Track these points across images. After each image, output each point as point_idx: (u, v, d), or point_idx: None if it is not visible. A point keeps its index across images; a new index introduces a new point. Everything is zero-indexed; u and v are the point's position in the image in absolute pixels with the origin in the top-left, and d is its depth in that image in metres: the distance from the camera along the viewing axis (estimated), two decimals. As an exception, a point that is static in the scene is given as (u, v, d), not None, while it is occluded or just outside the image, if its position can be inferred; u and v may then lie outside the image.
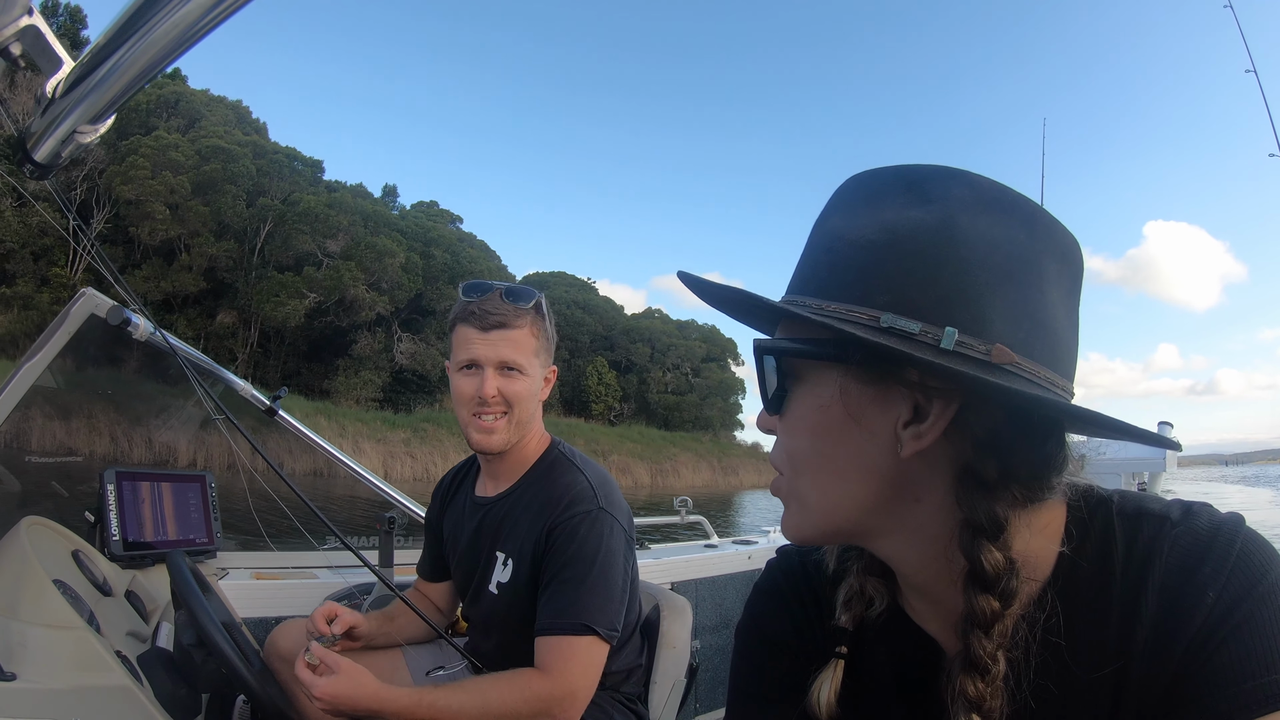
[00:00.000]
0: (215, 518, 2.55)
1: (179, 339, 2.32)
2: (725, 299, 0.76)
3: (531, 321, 1.80)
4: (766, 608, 0.90)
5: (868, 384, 0.67)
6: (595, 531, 1.70)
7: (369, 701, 1.52)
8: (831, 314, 0.66)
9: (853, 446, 0.69)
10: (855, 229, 0.68)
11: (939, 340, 0.62)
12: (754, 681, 0.88)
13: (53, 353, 1.99)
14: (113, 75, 1.05)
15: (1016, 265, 0.64)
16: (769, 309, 0.74)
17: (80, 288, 1.98)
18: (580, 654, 1.64)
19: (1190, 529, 0.67)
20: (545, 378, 1.88)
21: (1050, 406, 0.63)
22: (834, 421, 0.69)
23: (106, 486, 2.22)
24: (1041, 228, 0.67)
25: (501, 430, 1.79)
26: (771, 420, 0.75)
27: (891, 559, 0.75)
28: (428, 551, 2.13)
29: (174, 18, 0.91)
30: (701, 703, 3.35)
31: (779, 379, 0.72)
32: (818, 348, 0.68)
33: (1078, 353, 0.69)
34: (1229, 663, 0.59)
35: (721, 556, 3.67)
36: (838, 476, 0.70)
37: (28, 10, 1.07)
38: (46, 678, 1.24)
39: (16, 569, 1.44)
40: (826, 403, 0.69)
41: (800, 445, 0.72)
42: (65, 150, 1.31)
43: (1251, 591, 0.61)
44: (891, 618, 0.80)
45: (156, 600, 2.01)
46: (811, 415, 0.71)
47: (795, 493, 0.74)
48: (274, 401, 2.79)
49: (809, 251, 0.73)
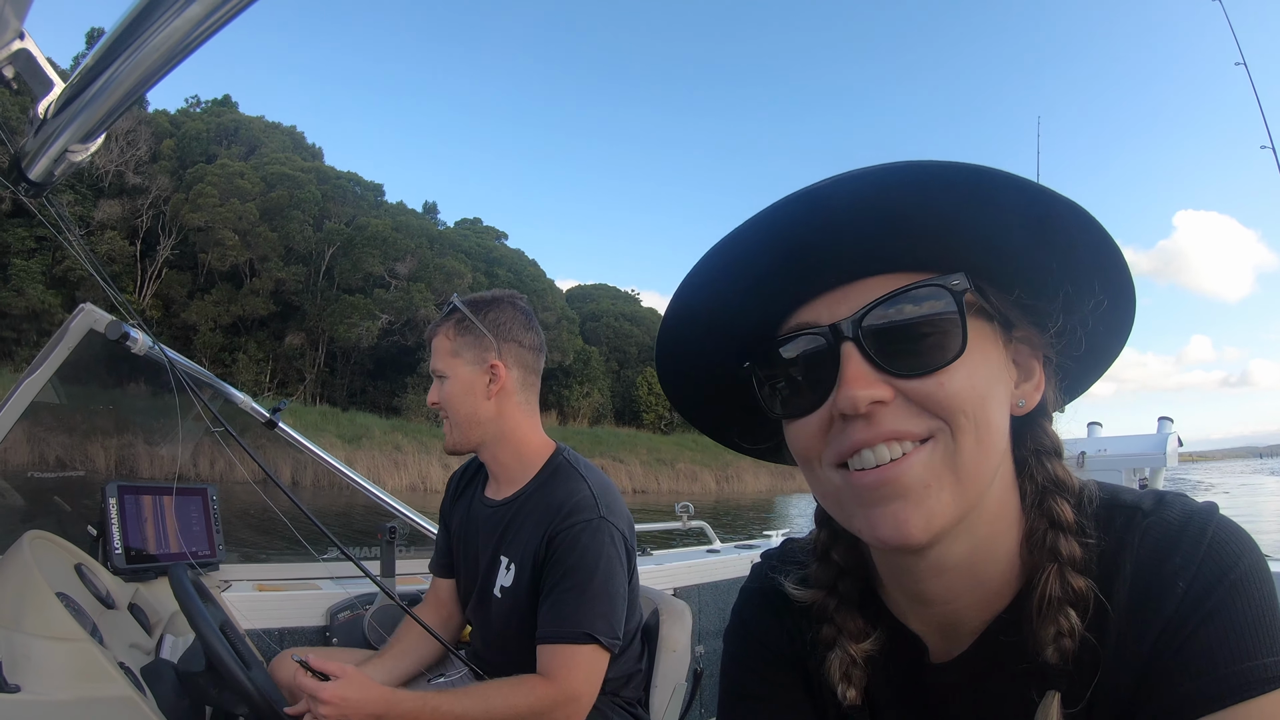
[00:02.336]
0: (217, 530, 2.55)
1: (246, 358, 2.33)
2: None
3: (445, 327, 1.90)
4: (754, 611, 0.90)
5: (1001, 342, 0.70)
6: (597, 540, 1.71)
7: (375, 705, 1.54)
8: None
9: (1003, 407, 0.69)
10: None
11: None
12: (744, 682, 0.88)
13: (52, 368, 2.00)
14: (101, 95, 1.07)
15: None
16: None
17: (150, 312, 2.00)
18: (583, 662, 1.65)
19: (1161, 519, 0.67)
20: (487, 372, 1.87)
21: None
22: (995, 377, 0.68)
23: (109, 500, 2.22)
24: None
25: (448, 433, 1.91)
26: (879, 385, 0.65)
27: (957, 555, 0.71)
28: (440, 544, 2.14)
29: (158, 38, 0.94)
30: (706, 708, 3.34)
31: (958, 317, 0.65)
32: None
33: None
34: (1199, 652, 0.60)
35: (723, 561, 3.67)
36: (993, 444, 0.68)
37: (19, 35, 1.09)
38: (50, 689, 1.25)
39: (20, 582, 1.45)
40: (991, 355, 0.69)
41: (968, 401, 0.65)
42: (58, 169, 1.34)
43: (1222, 581, 0.61)
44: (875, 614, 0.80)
45: (159, 613, 2.02)
46: (982, 369, 0.67)
47: (952, 461, 0.65)
48: (274, 414, 2.80)
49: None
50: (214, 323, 40.35)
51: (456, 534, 2.03)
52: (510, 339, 1.90)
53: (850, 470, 0.67)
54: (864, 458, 0.66)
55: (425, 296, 41.33)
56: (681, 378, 0.80)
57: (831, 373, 0.66)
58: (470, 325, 1.88)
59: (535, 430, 1.94)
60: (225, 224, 39.67)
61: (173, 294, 40.84)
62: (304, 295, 42.18)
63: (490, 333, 1.88)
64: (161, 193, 40.48)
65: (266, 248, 40.91)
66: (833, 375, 0.66)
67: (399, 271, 42.64)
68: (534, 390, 1.97)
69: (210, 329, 40.22)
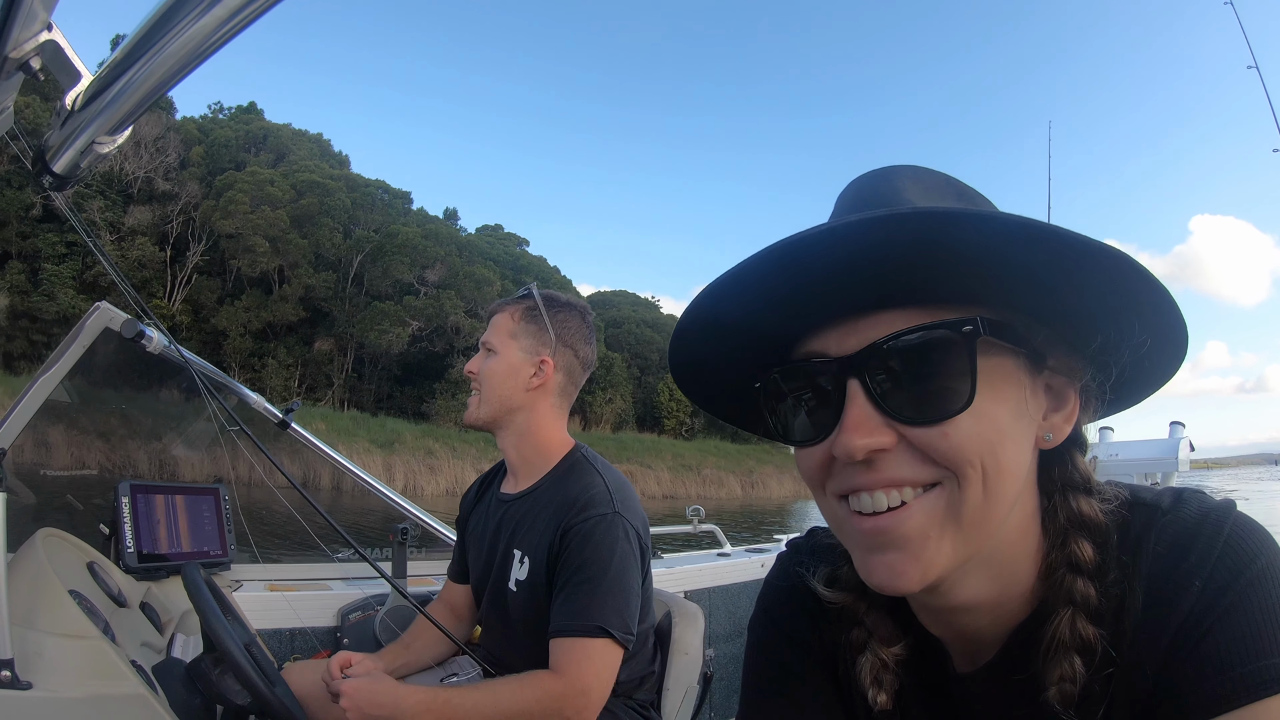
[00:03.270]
0: (229, 530, 2.55)
1: (276, 363, 2.34)
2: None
3: (513, 308, 1.93)
4: (779, 600, 0.89)
5: (1030, 373, 0.66)
6: (610, 535, 1.70)
7: (386, 697, 1.56)
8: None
9: (1023, 446, 0.66)
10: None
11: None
12: (768, 674, 0.87)
13: (67, 366, 2.00)
14: (131, 87, 1.07)
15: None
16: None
17: (179, 318, 2.02)
18: (594, 656, 1.64)
19: (1178, 517, 0.66)
20: (536, 365, 1.90)
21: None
22: (1014, 416, 0.64)
23: (121, 499, 2.23)
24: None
25: (473, 406, 1.93)
26: (881, 432, 0.62)
27: (976, 590, 0.70)
28: (457, 552, 2.15)
29: (190, 31, 0.93)
30: (717, 712, 3.32)
31: (968, 364, 0.61)
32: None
33: None
34: (1216, 650, 0.59)
35: (734, 565, 3.66)
36: (1005, 491, 0.64)
37: (47, 26, 1.09)
38: (62, 687, 1.25)
39: (33, 580, 1.45)
40: (1009, 394, 0.64)
41: (975, 451, 0.62)
42: (84, 161, 1.33)
43: (1238, 578, 0.60)
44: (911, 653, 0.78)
45: (171, 611, 2.02)
46: (997, 409, 0.63)
47: (956, 511, 0.63)
48: (287, 415, 2.80)
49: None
50: (244, 328, 41.00)
51: (473, 531, 2.04)
52: (569, 344, 1.94)
53: (850, 507, 0.66)
54: (863, 500, 0.64)
55: (455, 304, 41.96)
56: (694, 380, 0.79)
57: (835, 408, 0.64)
58: (538, 316, 1.92)
59: (559, 431, 1.95)
60: (256, 231, 40.35)
61: (203, 299, 41.54)
62: (333, 301, 42.86)
63: (553, 331, 1.92)
64: (191, 199, 41.27)
65: (297, 254, 41.65)
66: (836, 411, 0.64)
67: (428, 279, 43.28)
68: (569, 399, 1.99)
69: (240, 334, 40.83)
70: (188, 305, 40.96)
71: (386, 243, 43.63)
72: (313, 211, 42.08)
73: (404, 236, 43.84)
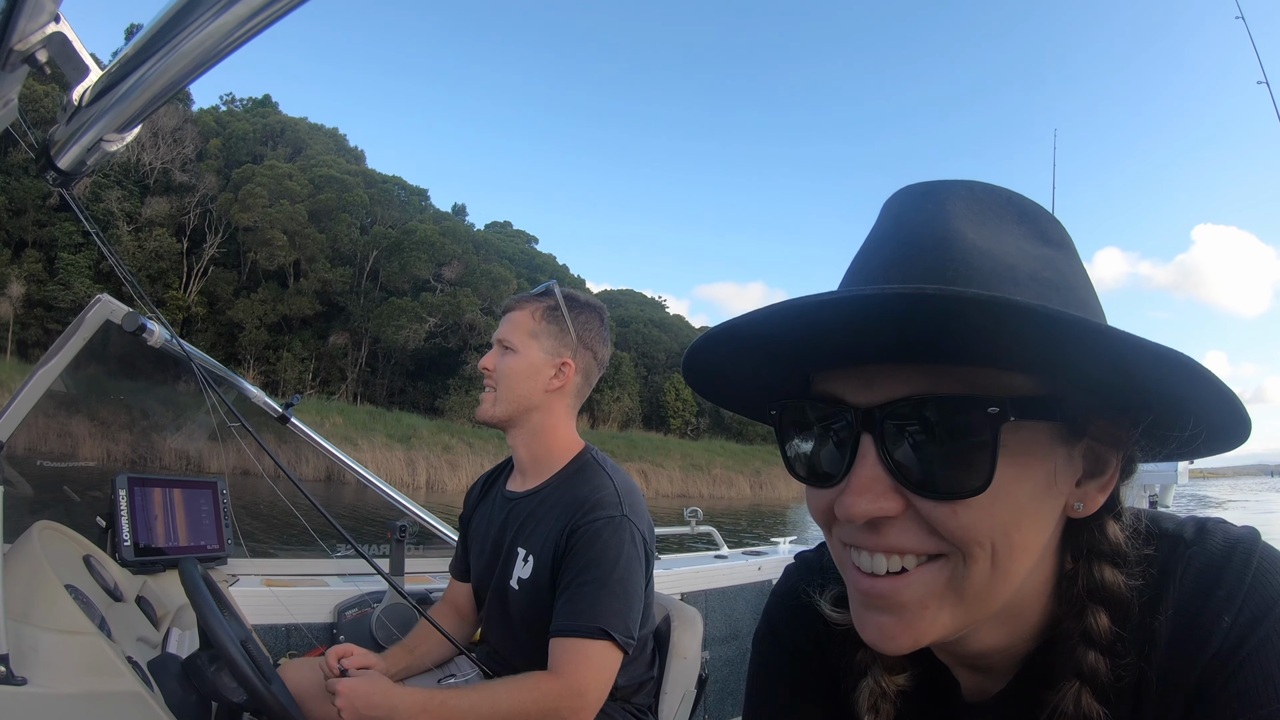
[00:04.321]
0: (227, 524, 2.54)
1: (291, 356, 2.34)
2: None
3: (533, 306, 1.90)
4: (786, 615, 0.87)
5: (1066, 441, 0.60)
6: (617, 537, 1.69)
7: (382, 698, 1.55)
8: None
9: (1044, 521, 0.62)
10: (1001, 250, 0.61)
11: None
12: (772, 691, 0.86)
13: (67, 358, 1.99)
14: (141, 85, 1.04)
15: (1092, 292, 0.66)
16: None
17: (195, 309, 2.01)
18: (594, 657, 1.63)
19: (1204, 549, 0.64)
20: (556, 366, 1.89)
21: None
22: (1039, 493, 0.60)
23: (118, 492, 2.22)
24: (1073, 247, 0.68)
25: (488, 403, 1.90)
26: (888, 496, 0.59)
27: (986, 641, 0.68)
28: (460, 549, 2.15)
29: (205, 31, 0.91)
30: (711, 714, 3.32)
31: (989, 443, 0.56)
32: (1043, 400, 0.58)
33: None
34: (1246, 690, 0.57)
35: (731, 568, 3.65)
36: (1015, 569, 0.60)
37: (55, 17, 1.07)
38: (58, 682, 1.24)
39: (29, 573, 1.44)
40: (1036, 469, 0.59)
41: (985, 533, 0.58)
42: (90, 159, 1.31)
43: (1268, 616, 0.59)
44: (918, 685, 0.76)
45: (167, 606, 2.01)
46: (1018, 489, 0.58)
47: (959, 585, 0.60)
48: (286, 409, 2.79)
49: (920, 249, 0.62)
50: (259, 320, 41.42)
51: (476, 528, 2.03)
52: (588, 346, 1.94)
53: (851, 559, 0.63)
54: (863, 559, 0.62)
55: (472, 301, 42.46)
56: (708, 387, 0.75)
57: (847, 460, 0.60)
58: (559, 317, 1.90)
59: (570, 431, 1.95)
60: (275, 224, 40.91)
61: (219, 291, 42.00)
62: (348, 296, 43.45)
63: (575, 332, 1.91)
64: (208, 191, 41.82)
65: (314, 249, 42.27)
66: (847, 463, 0.60)
67: (445, 276, 43.90)
68: (582, 400, 2.00)
69: (256, 326, 41.27)
70: (203, 297, 41.46)
71: (404, 239, 44.28)
72: (331, 206, 42.71)
73: (422, 234, 44.47)
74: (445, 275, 43.85)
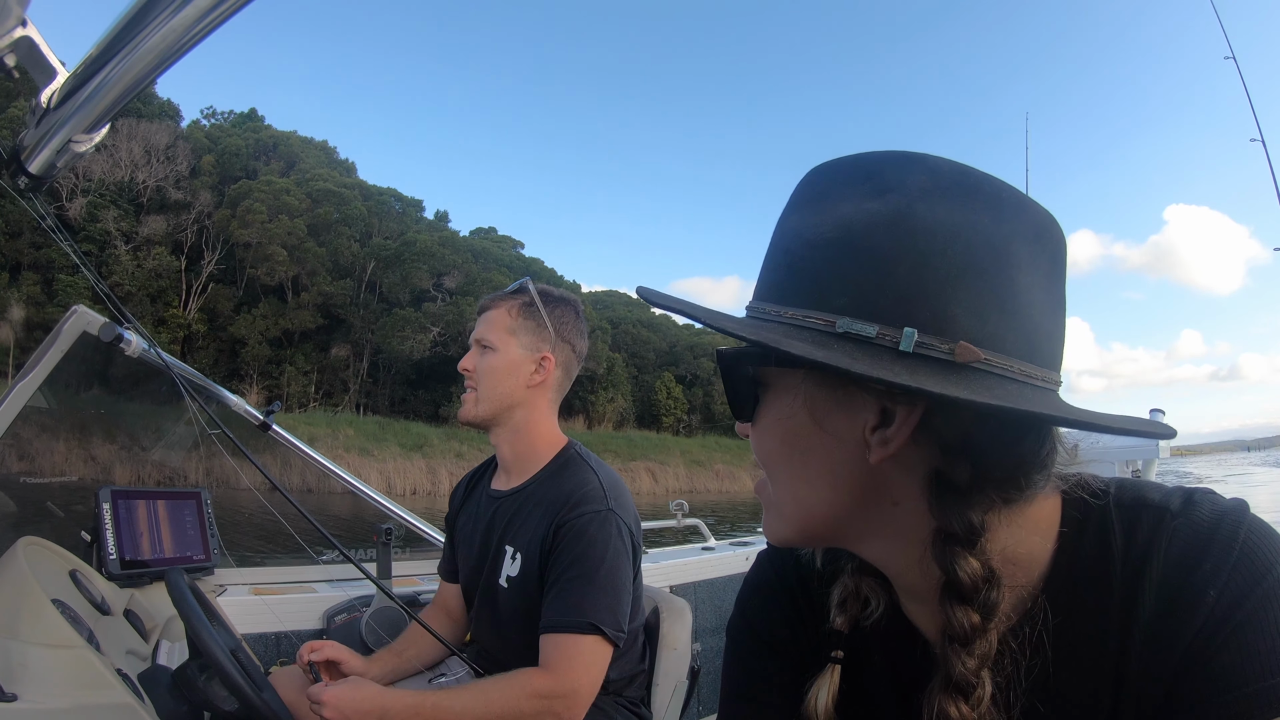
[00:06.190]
0: (212, 534, 2.53)
1: (294, 370, 2.32)
2: (691, 316, 0.68)
3: (509, 303, 1.92)
4: (759, 603, 0.87)
5: (832, 389, 0.64)
6: (604, 532, 1.70)
7: (371, 703, 1.53)
8: (790, 320, 0.63)
9: (821, 453, 0.67)
10: (811, 227, 0.64)
11: (898, 342, 0.58)
12: (747, 681, 0.85)
13: (45, 371, 1.97)
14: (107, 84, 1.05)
15: (981, 253, 0.59)
16: (728, 333, 0.65)
17: (196, 326, 1.99)
18: (584, 652, 1.64)
19: (1190, 521, 0.63)
20: (537, 361, 1.90)
21: (1011, 414, 0.56)
22: (801, 428, 0.67)
23: (102, 505, 2.20)
24: (1009, 209, 0.61)
25: (470, 403, 1.91)
26: (746, 426, 0.73)
27: (878, 562, 0.72)
28: (448, 550, 2.14)
29: (167, 26, 0.92)
30: (704, 705, 3.34)
31: (748, 387, 0.70)
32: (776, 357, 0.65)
33: (1063, 335, 0.64)
34: (1230, 666, 0.57)
35: (719, 559, 3.67)
36: (807, 482, 0.68)
37: (21, 21, 1.06)
38: (48, 697, 1.23)
39: (15, 589, 1.43)
40: (793, 410, 0.67)
41: (771, 452, 0.70)
42: (60, 161, 1.31)
43: (1254, 590, 0.58)
44: (889, 618, 0.76)
45: (155, 618, 1.99)
46: (779, 423, 0.68)
47: (771, 497, 0.72)
48: (267, 417, 2.77)
49: (771, 254, 0.69)
50: (261, 336, 41.29)
51: (463, 528, 2.03)
52: (566, 340, 1.95)
53: None
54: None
55: (473, 310, 42.49)
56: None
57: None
58: (536, 312, 1.91)
59: (552, 427, 1.95)
60: (274, 240, 40.83)
61: (219, 307, 41.76)
62: (349, 309, 43.47)
63: (553, 327, 1.92)
64: (204, 208, 41.65)
65: (315, 262, 42.22)
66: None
67: (445, 285, 44.06)
68: (563, 394, 2.00)
69: (258, 342, 41.15)
70: (204, 314, 41.35)
71: (405, 250, 44.41)
72: (329, 220, 42.86)
73: (422, 244, 44.63)
74: (446, 285, 44.00)
